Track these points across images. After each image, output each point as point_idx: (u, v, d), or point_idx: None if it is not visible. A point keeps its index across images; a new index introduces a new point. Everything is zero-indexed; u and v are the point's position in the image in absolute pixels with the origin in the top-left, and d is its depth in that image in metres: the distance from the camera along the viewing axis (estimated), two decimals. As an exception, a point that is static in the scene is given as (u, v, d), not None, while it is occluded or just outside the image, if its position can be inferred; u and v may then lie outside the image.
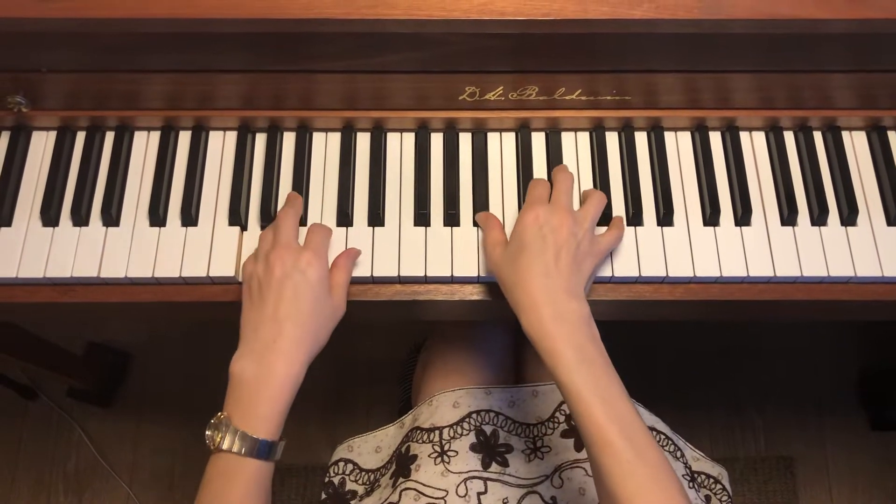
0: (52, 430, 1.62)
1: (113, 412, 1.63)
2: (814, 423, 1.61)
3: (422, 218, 0.85)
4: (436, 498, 0.86)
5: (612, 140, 0.89)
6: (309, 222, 0.85)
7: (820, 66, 0.82)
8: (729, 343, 1.67)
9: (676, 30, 0.75)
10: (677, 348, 1.66)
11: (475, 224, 0.85)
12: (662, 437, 0.97)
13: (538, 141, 0.89)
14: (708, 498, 0.97)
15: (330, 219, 0.85)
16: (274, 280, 0.74)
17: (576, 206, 0.83)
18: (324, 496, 0.98)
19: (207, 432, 0.71)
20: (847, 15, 0.73)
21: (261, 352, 0.72)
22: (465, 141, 0.89)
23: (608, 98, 0.85)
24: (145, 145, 0.89)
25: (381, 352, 1.60)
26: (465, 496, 0.86)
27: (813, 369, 1.65)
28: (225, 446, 0.69)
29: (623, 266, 0.82)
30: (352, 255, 0.82)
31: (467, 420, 0.92)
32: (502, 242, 0.78)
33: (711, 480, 1.00)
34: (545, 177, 0.87)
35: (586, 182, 0.87)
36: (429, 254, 0.83)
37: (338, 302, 0.78)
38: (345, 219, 0.85)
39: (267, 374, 0.71)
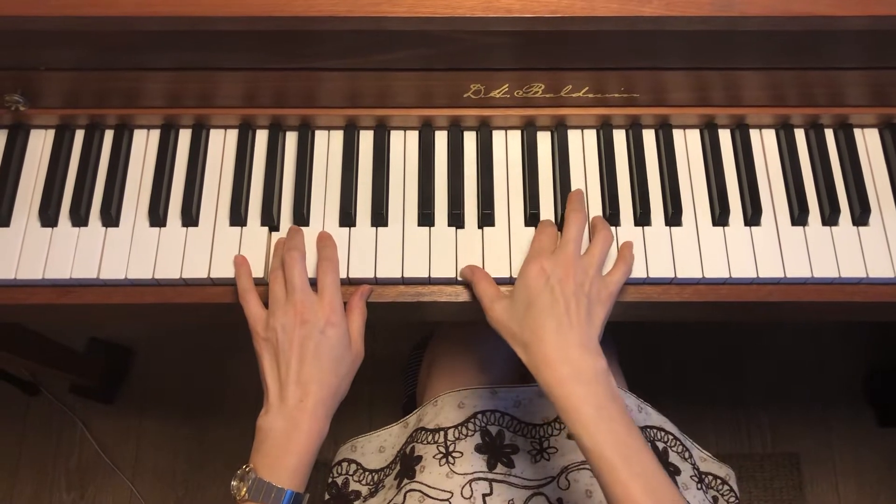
0: (54, 426, 1.62)
1: (115, 408, 1.63)
2: (820, 420, 1.60)
3: (426, 218, 0.84)
4: (441, 500, 0.85)
5: (619, 138, 0.88)
6: (311, 223, 0.84)
7: (832, 64, 0.80)
8: (735, 340, 1.66)
9: (687, 27, 0.73)
10: (683, 345, 1.66)
11: (480, 224, 0.84)
12: (670, 437, 0.96)
13: (544, 139, 0.88)
14: (715, 499, 0.97)
15: (332, 219, 0.84)
16: (295, 342, 0.74)
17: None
18: (327, 497, 0.98)
19: (233, 483, 0.72)
20: (861, 12, 0.72)
21: (289, 410, 0.73)
22: (469, 139, 0.88)
23: (616, 95, 0.84)
24: (145, 144, 0.88)
25: (383, 348, 1.59)
26: (470, 498, 0.85)
27: (819, 366, 1.65)
28: (251, 496, 0.70)
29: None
30: (365, 293, 0.81)
31: (472, 420, 0.91)
32: (499, 297, 0.76)
33: (719, 481, 0.99)
34: (550, 176, 0.86)
35: (593, 181, 0.86)
36: (433, 255, 0.82)
37: (357, 350, 0.78)
38: (347, 219, 0.83)
39: (294, 429, 0.73)
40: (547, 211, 0.84)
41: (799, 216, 0.83)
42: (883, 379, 1.60)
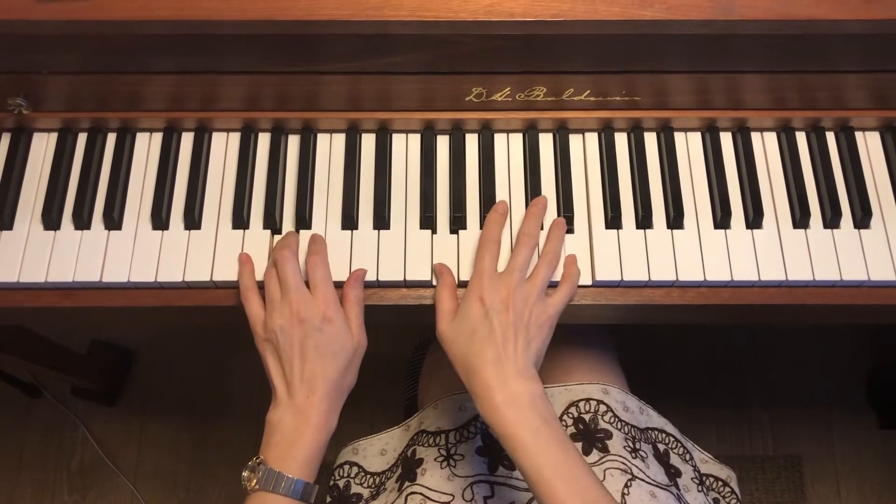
0: (56, 428, 1.62)
1: (117, 410, 1.63)
2: (822, 422, 1.60)
3: (428, 221, 0.84)
4: (442, 502, 0.85)
5: (621, 141, 0.88)
6: (313, 226, 0.84)
7: (833, 67, 0.80)
8: (737, 341, 1.66)
9: (688, 31, 0.74)
10: (684, 347, 1.66)
11: (482, 228, 0.84)
12: (671, 439, 0.96)
13: (546, 142, 0.88)
14: (716, 501, 0.97)
15: (335, 222, 0.84)
16: (296, 342, 0.75)
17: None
18: (329, 499, 0.98)
19: (244, 473, 0.73)
20: (863, 15, 0.72)
21: (298, 404, 0.75)
22: (471, 142, 0.88)
23: (617, 99, 0.84)
24: (147, 147, 0.88)
25: (385, 351, 1.59)
26: (471, 500, 0.85)
27: (821, 367, 1.64)
28: (261, 486, 0.72)
29: (632, 270, 0.81)
30: (359, 278, 0.81)
31: (474, 423, 0.91)
32: (452, 314, 0.77)
33: (720, 483, 0.99)
34: (552, 180, 0.86)
35: (595, 184, 0.86)
36: (435, 257, 0.82)
37: (358, 340, 0.78)
38: (349, 222, 0.83)
39: (305, 423, 0.74)
40: (550, 213, 0.84)
41: (800, 219, 0.83)
42: (885, 381, 1.60)
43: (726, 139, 0.88)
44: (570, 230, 0.84)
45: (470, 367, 0.73)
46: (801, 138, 0.88)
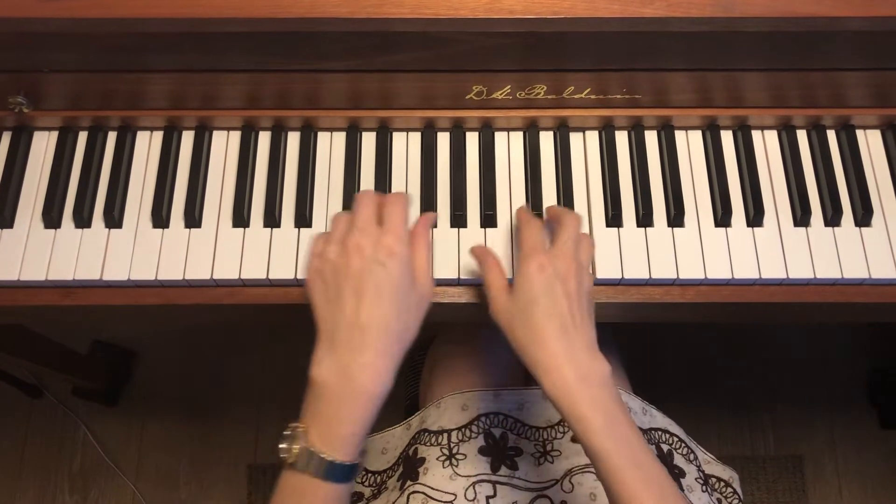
0: (57, 428, 1.62)
1: (118, 411, 1.63)
2: (823, 422, 1.60)
3: (428, 219, 0.84)
4: (444, 501, 0.85)
5: (621, 139, 0.88)
6: (314, 224, 0.84)
7: (834, 64, 0.80)
8: (737, 341, 1.66)
9: (689, 28, 0.73)
10: (685, 347, 1.66)
11: (482, 225, 0.84)
12: (675, 439, 0.96)
13: (546, 140, 0.88)
14: (719, 501, 0.97)
15: (335, 220, 0.84)
16: (352, 273, 0.66)
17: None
18: (330, 498, 0.97)
19: (282, 444, 0.65)
20: (864, 13, 0.72)
21: (345, 362, 0.65)
22: (472, 140, 0.88)
23: (618, 97, 0.84)
24: (148, 146, 0.88)
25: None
26: (473, 500, 0.85)
27: (822, 368, 1.64)
28: (300, 466, 0.64)
29: (633, 268, 0.81)
30: (428, 222, 0.75)
31: (476, 423, 0.91)
32: (506, 288, 0.72)
33: (722, 484, 0.99)
34: (553, 178, 0.86)
35: (596, 183, 0.86)
36: (436, 255, 0.82)
37: (424, 289, 0.70)
38: (350, 220, 0.83)
39: (352, 390, 0.65)
40: (549, 212, 0.84)
41: (801, 217, 0.83)
42: (886, 380, 1.60)
43: (727, 137, 0.88)
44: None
45: (533, 339, 0.67)
46: (801, 136, 0.88)
